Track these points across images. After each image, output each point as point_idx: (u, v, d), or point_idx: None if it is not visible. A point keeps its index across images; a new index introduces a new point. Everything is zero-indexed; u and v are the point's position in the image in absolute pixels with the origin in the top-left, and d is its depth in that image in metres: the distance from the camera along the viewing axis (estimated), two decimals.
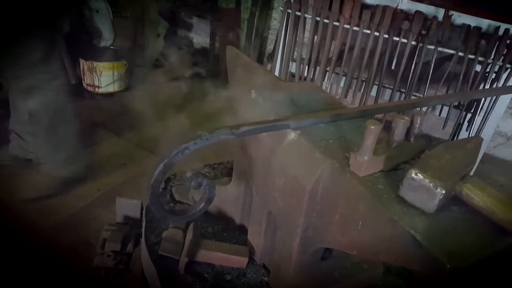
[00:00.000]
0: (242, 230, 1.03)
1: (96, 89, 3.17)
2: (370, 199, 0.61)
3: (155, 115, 2.94)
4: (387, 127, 0.69)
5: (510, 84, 1.40)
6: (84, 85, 3.21)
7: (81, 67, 3.15)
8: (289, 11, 2.19)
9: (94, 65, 3.05)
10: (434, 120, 2.34)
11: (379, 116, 2.14)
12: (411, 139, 0.68)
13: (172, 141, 2.61)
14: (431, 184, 0.56)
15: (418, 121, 0.67)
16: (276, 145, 0.79)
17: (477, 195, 0.59)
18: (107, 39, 3.50)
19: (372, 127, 0.60)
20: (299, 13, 2.18)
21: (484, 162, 2.62)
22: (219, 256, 0.93)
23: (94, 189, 2.19)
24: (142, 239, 0.99)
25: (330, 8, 2.05)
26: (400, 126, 0.64)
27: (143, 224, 1.01)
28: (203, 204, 0.76)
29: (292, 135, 0.78)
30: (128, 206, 1.15)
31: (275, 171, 0.80)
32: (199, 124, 2.79)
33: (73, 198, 2.10)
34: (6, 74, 1.89)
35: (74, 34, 3.47)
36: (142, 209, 1.15)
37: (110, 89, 3.19)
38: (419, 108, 1.93)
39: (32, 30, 1.66)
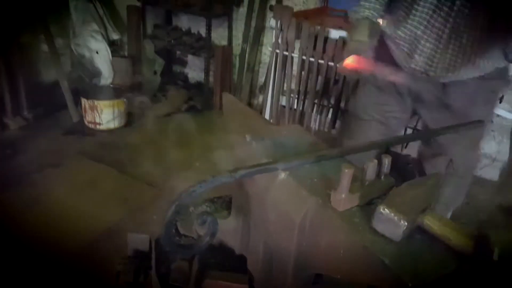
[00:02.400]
0: (242, 259, 1.14)
1: (97, 126, 3.31)
2: (347, 230, 0.74)
3: (154, 149, 3.08)
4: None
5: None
6: (86, 122, 3.35)
7: (83, 106, 3.30)
8: (277, 51, 2.38)
9: (95, 103, 3.21)
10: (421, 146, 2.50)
11: None
12: (382, 177, 0.82)
13: (172, 175, 2.73)
14: (395, 218, 0.69)
15: (386, 162, 0.81)
16: (269, 184, 0.92)
17: (435, 225, 0.71)
18: (106, 77, 3.67)
19: (346, 171, 0.73)
20: (287, 53, 2.36)
21: (471, 184, 2.75)
22: (221, 284, 1.04)
23: (98, 225, 2.28)
24: (153, 271, 1.10)
25: (314, 48, 2.23)
26: (370, 167, 0.78)
27: (153, 257, 1.12)
28: (207, 239, 0.88)
29: (282, 175, 0.90)
30: (138, 241, 1.26)
31: (269, 206, 0.92)
32: (197, 156, 2.92)
33: (78, 234, 2.19)
34: None
35: (76, 74, 3.64)
36: (150, 243, 1.26)
37: (111, 125, 3.33)
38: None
39: None
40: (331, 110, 2.45)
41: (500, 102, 2.12)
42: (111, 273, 1.92)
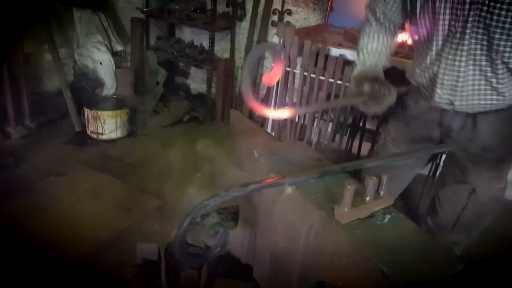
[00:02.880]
0: (248, 268, 1.20)
1: (100, 136, 3.36)
2: (350, 241, 0.80)
3: (156, 160, 3.13)
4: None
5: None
6: (88, 132, 3.39)
7: (86, 116, 3.34)
8: None
9: (98, 114, 3.26)
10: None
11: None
12: (381, 193, 0.89)
13: (174, 186, 2.77)
14: None
15: (385, 179, 0.88)
16: (276, 197, 0.99)
17: None
18: (109, 88, 3.74)
19: (349, 187, 0.80)
20: (289, 69, 2.45)
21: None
22: None
23: (102, 234, 2.32)
24: (163, 278, 1.16)
25: (315, 65, 2.32)
26: (370, 184, 0.85)
27: (163, 265, 1.18)
28: (219, 249, 0.94)
29: (289, 189, 0.97)
30: (147, 250, 1.31)
31: (276, 218, 0.99)
32: (199, 167, 2.97)
33: (82, 243, 2.23)
34: None
35: (79, 84, 3.70)
36: (159, 252, 1.32)
37: (113, 135, 3.38)
38: None
39: None
40: (330, 124, 2.53)
41: None
42: (115, 281, 1.97)
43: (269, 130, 2.80)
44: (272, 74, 1.05)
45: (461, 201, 1.56)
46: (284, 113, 1.11)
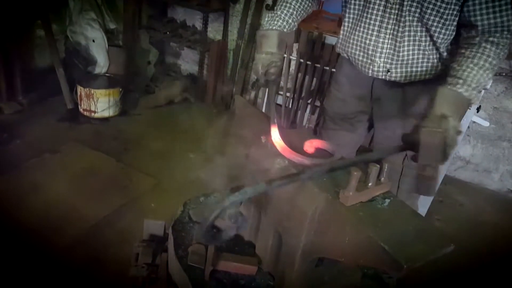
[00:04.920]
0: (250, 245, 1.29)
1: (92, 114, 3.36)
2: (353, 222, 0.89)
3: (149, 139, 3.17)
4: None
5: None
6: (81, 110, 3.39)
7: (79, 93, 3.34)
8: None
9: (92, 91, 3.26)
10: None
11: None
12: (382, 179, 0.98)
13: (168, 166, 2.81)
14: None
15: (386, 167, 0.97)
16: None
17: None
18: (102, 66, 3.72)
19: (355, 173, 0.89)
20: (285, 55, 2.50)
21: (446, 183, 2.98)
22: (234, 265, 1.19)
23: (99, 211, 2.37)
24: (171, 253, 1.23)
25: (312, 52, 2.38)
26: (373, 171, 0.94)
27: (171, 241, 1.25)
28: (235, 231, 1.01)
29: None
30: (154, 226, 1.39)
31: (283, 200, 1.07)
32: (191, 148, 3.03)
33: (80, 219, 2.28)
34: None
35: (70, 61, 3.67)
36: (165, 229, 1.39)
37: (106, 114, 3.39)
38: None
39: None
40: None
41: (477, 111, 2.33)
42: (111, 258, 2.04)
43: None
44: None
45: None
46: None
